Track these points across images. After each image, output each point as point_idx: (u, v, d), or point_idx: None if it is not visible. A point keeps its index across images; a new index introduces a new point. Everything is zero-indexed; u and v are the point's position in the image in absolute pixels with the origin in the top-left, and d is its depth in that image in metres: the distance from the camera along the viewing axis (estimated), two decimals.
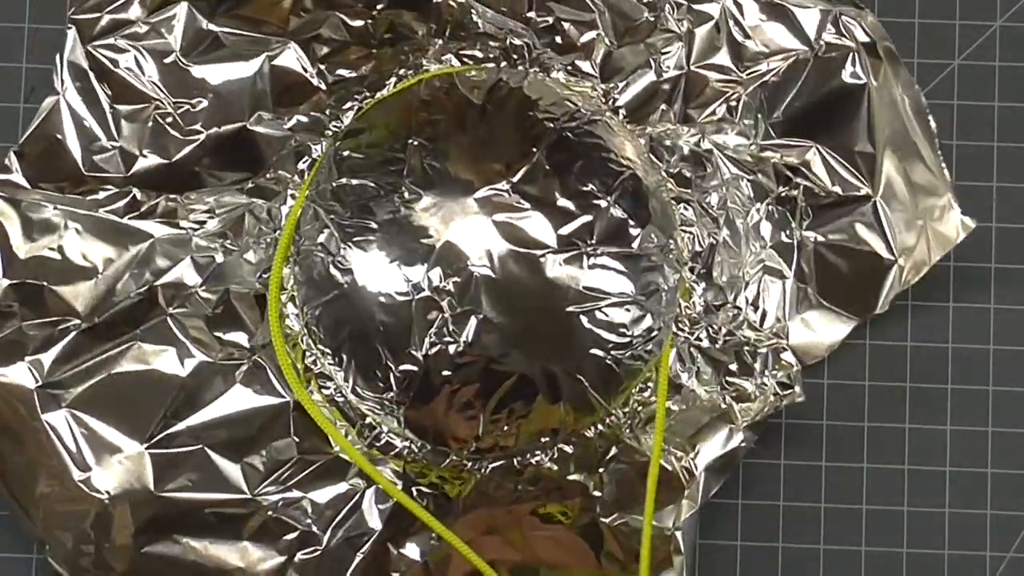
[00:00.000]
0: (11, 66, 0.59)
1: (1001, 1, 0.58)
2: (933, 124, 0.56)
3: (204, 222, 0.56)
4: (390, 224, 0.52)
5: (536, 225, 0.52)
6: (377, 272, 0.52)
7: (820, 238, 0.56)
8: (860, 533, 0.56)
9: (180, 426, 0.54)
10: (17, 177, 0.56)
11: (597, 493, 0.54)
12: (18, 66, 0.59)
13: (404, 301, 0.52)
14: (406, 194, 0.53)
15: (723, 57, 0.56)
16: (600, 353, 0.52)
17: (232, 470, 0.54)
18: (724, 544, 0.56)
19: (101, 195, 0.56)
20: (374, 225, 0.53)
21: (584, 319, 0.52)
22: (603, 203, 0.52)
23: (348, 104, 0.56)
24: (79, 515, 0.54)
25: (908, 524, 0.56)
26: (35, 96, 0.58)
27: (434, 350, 0.52)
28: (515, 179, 0.53)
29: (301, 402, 0.54)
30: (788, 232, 0.56)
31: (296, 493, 0.54)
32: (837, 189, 0.55)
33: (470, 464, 0.54)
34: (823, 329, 0.56)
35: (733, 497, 0.56)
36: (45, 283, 0.55)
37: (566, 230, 0.52)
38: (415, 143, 0.53)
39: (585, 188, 0.53)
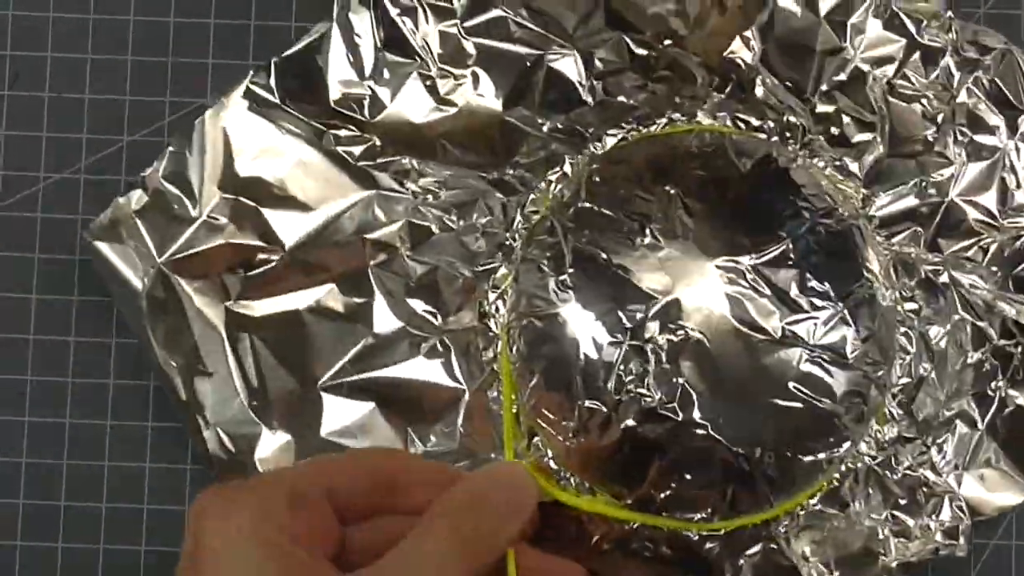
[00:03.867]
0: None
1: None
2: None
3: (432, 192, 0.56)
4: (622, 262, 0.52)
5: (765, 310, 0.52)
6: (596, 306, 0.52)
7: None
8: None
9: (357, 377, 0.55)
10: (267, 93, 0.56)
11: None
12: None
13: (614, 342, 0.51)
14: (647, 240, 0.52)
15: (989, 198, 0.55)
16: (786, 450, 0.52)
17: (394, 437, 0.54)
18: None
19: (343, 133, 0.56)
20: (605, 257, 0.52)
21: (781, 414, 0.51)
22: (833, 309, 0.52)
23: (613, 129, 0.56)
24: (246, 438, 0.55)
25: None
26: (19, 84, 0.58)
27: (627, 396, 0.51)
28: (758, 260, 0.52)
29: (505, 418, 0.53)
30: (994, 386, 0.55)
31: None
32: None
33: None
34: (996, 490, 0.55)
35: None
36: (258, 206, 0.55)
37: (792, 324, 0.52)
38: (671, 191, 0.53)
39: (821, 288, 0.52)
